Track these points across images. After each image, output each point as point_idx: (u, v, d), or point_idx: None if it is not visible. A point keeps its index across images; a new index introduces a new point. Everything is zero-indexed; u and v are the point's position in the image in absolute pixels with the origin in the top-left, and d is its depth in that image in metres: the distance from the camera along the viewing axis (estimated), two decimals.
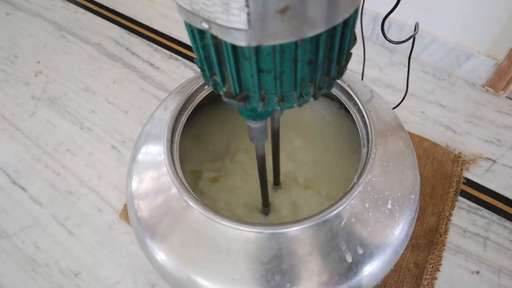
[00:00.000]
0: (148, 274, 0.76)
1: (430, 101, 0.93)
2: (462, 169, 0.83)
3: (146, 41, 1.10)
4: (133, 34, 1.12)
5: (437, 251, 0.75)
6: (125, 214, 0.81)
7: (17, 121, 0.98)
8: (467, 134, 0.88)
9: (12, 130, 0.97)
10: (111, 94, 1.01)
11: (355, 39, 0.33)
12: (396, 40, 0.55)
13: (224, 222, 0.41)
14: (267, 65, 0.29)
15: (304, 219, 0.40)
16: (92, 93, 1.01)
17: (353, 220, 0.43)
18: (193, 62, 1.04)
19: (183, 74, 1.02)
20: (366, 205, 0.44)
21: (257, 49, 0.28)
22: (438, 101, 0.93)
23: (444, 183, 0.81)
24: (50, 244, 0.81)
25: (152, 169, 0.50)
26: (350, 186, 0.43)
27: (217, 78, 0.32)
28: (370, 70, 0.98)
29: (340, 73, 0.33)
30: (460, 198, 0.80)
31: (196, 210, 0.42)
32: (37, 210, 0.85)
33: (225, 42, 0.27)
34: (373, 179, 0.45)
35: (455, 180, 0.81)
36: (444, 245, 0.76)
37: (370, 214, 0.44)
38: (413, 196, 0.47)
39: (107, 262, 0.78)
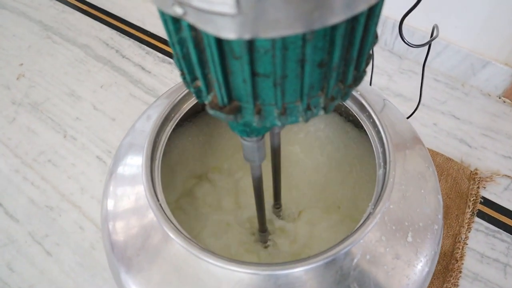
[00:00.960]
0: None
1: (443, 112, 0.85)
2: (479, 187, 0.75)
3: (138, 43, 1.03)
4: (124, 35, 1.05)
5: (453, 278, 0.68)
6: None
7: None
8: (483, 148, 0.81)
9: None
10: (98, 99, 0.93)
11: (376, 37, 0.26)
12: (414, 44, 0.48)
13: (211, 260, 0.33)
14: (265, 67, 0.22)
15: (310, 257, 0.33)
16: (77, 99, 0.94)
17: (368, 257, 0.35)
18: None
19: (176, 79, 0.95)
20: (383, 238, 0.36)
21: (251, 45, 0.20)
22: (451, 112, 0.86)
23: (459, 202, 0.73)
24: (26, 265, 0.74)
25: (131, 188, 0.43)
26: (364, 216, 0.36)
27: (200, 83, 0.25)
28: (378, 78, 0.91)
29: (358, 79, 0.26)
30: (477, 219, 0.73)
31: (177, 244, 0.35)
32: (12, 227, 0.78)
33: (207, 35, 0.20)
34: (391, 206, 0.37)
35: (472, 199, 0.74)
36: (460, 271, 0.68)
37: (388, 249, 0.36)
38: (436, 227, 0.40)
39: (88, 286, 0.71)
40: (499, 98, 0.87)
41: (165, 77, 0.96)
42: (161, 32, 1.06)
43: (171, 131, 0.44)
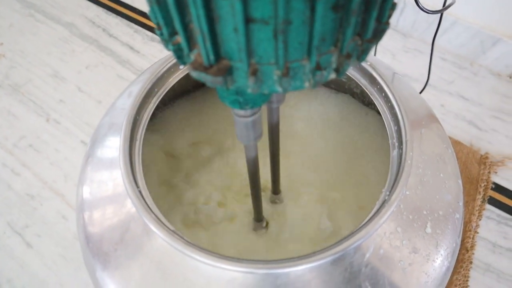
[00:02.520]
0: None
1: (451, 92, 0.80)
2: (490, 172, 0.70)
3: (126, 21, 0.97)
4: (111, 13, 0.99)
5: (463, 270, 0.63)
6: None
7: None
8: (493, 131, 0.76)
9: None
10: (83, 81, 0.87)
11: None
12: (430, 10, 0.42)
13: (198, 257, 0.28)
14: (262, 9, 0.16)
15: (314, 253, 0.28)
16: (61, 80, 0.88)
17: (381, 252, 0.30)
18: None
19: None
20: (399, 229, 0.31)
21: None
22: (459, 92, 0.80)
23: (469, 188, 0.69)
24: (4, 258, 0.68)
25: (108, 174, 0.37)
26: (378, 204, 0.31)
27: (180, 39, 0.20)
28: (381, 57, 0.85)
29: (380, 32, 0.20)
30: (488, 206, 0.68)
31: (159, 237, 0.30)
32: None
33: None
34: (407, 193, 0.32)
35: (482, 185, 0.69)
36: (471, 262, 0.64)
37: (404, 242, 0.31)
38: (457, 216, 0.35)
39: (71, 282, 0.66)
40: (510, 78, 0.82)
41: (154, 57, 0.90)
42: None
43: (155, 108, 0.38)
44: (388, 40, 0.88)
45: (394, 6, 0.21)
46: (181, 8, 0.18)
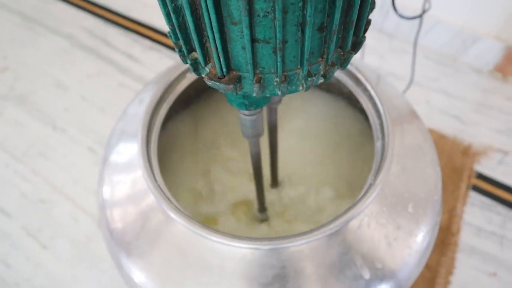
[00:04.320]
0: None
1: (435, 89, 0.86)
2: (473, 162, 0.76)
3: (124, 31, 1.01)
4: (108, 23, 1.03)
5: (450, 252, 0.68)
6: None
7: None
8: (476, 124, 0.81)
9: None
10: (86, 90, 0.92)
11: (374, 3, 0.26)
12: (408, 16, 0.47)
13: (213, 238, 0.33)
14: (264, 32, 0.21)
15: (312, 230, 0.33)
16: (64, 90, 0.92)
17: (370, 228, 0.35)
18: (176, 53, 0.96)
19: (166, 66, 0.93)
20: (384, 209, 0.36)
21: (250, 8, 0.20)
22: (443, 89, 0.86)
23: (454, 178, 0.74)
24: (21, 259, 0.73)
25: (126, 174, 0.42)
26: (365, 188, 0.36)
27: (197, 55, 0.24)
28: (369, 58, 0.90)
29: (358, 45, 0.25)
30: (472, 193, 0.73)
31: (179, 224, 0.34)
32: (5, 221, 0.76)
33: None
34: (391, 178, 0.37)
35: (466, 174, 0.74)
36: (457, 245, 0.69)
37: (389, 220, 0.36)
38: (436, 197, 0.40)
39: (85, 278, 0.70)
40: (491, 73, 0.88)
41: (154, 65, 0.94)
42: (148, 19, 1.04)
43: (165, 114, 0.43)
44: (375, 42, 0.93)
45: (369, 22, 0.26)
46: (199, 32, 0.23)
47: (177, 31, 0.23)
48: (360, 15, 0.24)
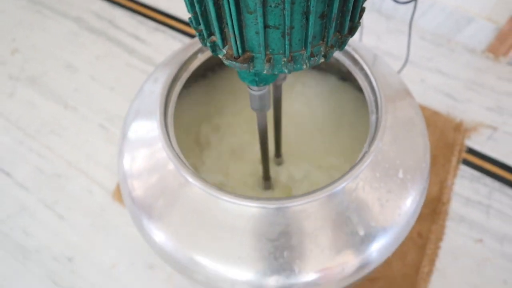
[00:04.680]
0: (146, 255, 0.74)
1: (430, 68, 0.90)
2: (463, 138, 0.80)
3: (130, 13, 1.05)
4: (115, 6, 1.06)
5: (440, 220, 0.74)
6: (118, 194, 0.78)
7: None
8: (468, 101, 0.86)
9: None
10: (95, 70, 0.96)
11: None
12: (403, 1, 0.51)
13: (226, 198, 0.38)
14: (275, 20, 0.25)
15: (314, 191, 0.37)
16: (74, 71, 0.96)
17: (364, 191, 0.40)
18: (182, 33, 0.99)
19: (171, 47, 0.97)
20: (377, 174, 0.41)
21: (264, 0, 0.24)
22: (438, 68, 0.90)
23: (446, 152, 0.79)
24: (40, 229, 0.78)
25: (145, 146, 0.46)
26: (360, 155, 0.40)
27: (216, 38, 0.29)
28: (367, 38, 0.94)
29: (354, 29, 0.29)
30: (462, 167, 0.78)
31: (195, 187, 0.39)
32: (23, 195, 0.81)
33: None
34: (384, 147, 0.42)
35: (457, 148, 0.79)
36: (447, 214, 0.74)
37: (382, 184, 0.41)
38: (424, 165, 0.45)
39: (101, 246, 0.76)
40: (483, 53, 0.91)
41: (160, 46, 0.98)
42: (153, 1, 1.07)
43: (180, 91, 0.47)
44: (373, 23, 0.97)
45: (363, 9, 0.30)
46: (219, 19, 0.27)
47: (200, 18, 0.28)
48: (356, 4, 0.28)
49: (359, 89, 0.47)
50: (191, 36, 0.99)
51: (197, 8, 0.27)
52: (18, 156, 0.85)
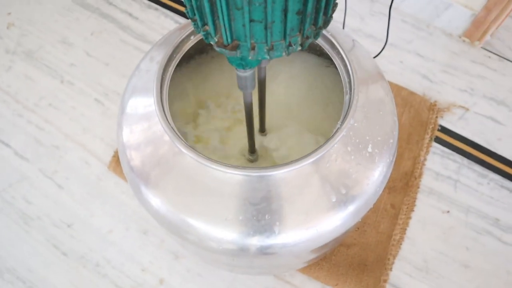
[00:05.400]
0: (140, 221, 0.79)
1: (409, 50, 0.95)
2: (437, 117, 0.86)
3: None
4: None
5: (412, 193, 0.80)
6: (113, 165, 0.83)
7: None
8: (442, 83, 0.91)
9: None
10: (90, 46, 0.99)
11: None
12: None
13: (216, 167, 0.43)
14: (258, 15, 0.30)
15: (291, 162, 0.43)
16: (70, 46, 0.99)
17: (337, 162, 0.46)
18: (173, 12, 1.02)
19: (163, 24, 1.01)
20: (349, 148, 0.47)
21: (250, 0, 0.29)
22: (416, 50, 0.95)
23: (420, 130, 0.85)
24: (40, 197, 0.83)
25: (143, 119, 0.51)
26: (334, 131, 0.46)
27: (209, 28, 0.33)
28: (351, 20, 0.98)
29: (327, 22, 0.34)
30: (434, 144, 0.85)
31: (188, 156, 0.44)
32: (23, 165, 0.86)
33: None
34: (355, 124, 0.47)
35: (431, 127, 0.85)
36: (418, 187, 0.81)
37: (352, 157, 0.47)
38: (391, 141, 0.50)
39: (98, 213, 0.81)
40: (460, 37, 0.97)
41: (152, 23, 1.01)
42: None
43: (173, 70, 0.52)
44: (357, 4, 1.01)
45: (335, 5, 0.35)
46: (212, 12, 0.31)
47: (195, 10, 0.32)
48: (328, 1, 0.33)
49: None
50: (182, 14, 1.02)
51: (193, 3, 0.32)
52: (17, 128, 0.89)
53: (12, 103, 0.93)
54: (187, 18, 0.45)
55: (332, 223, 0.47)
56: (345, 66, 0.50)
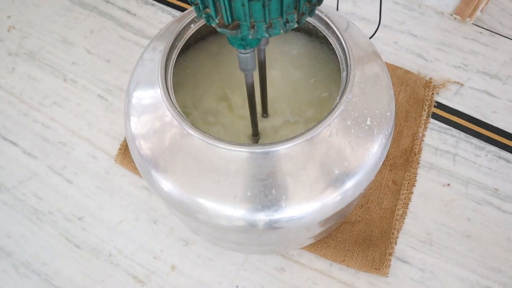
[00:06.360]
0: (149, 211, 0.82)
1: (402, 31, 0.97)
2: (433, 94, 0.88)
3: None
4: None
5: (413, 168, 0.82)
6: (120, 158, 0.85)
7: None
8: (437, 60, 0.93)
9: None
10: (90, 44, 1.01)
11: None
12: None
13: (222, 146, 0.45)
14: None
15: (294, 137, 0.45)
16: (70, 45, 1.01)
17: (338, 136, 0.48)
18: (170, 6, 1.04)
19: (161, 19, 1.02)
20: (348, 122, 0.49)
21: None
22: (409, 31, 0.97)
23: (417, 107, 0.87)
24: (51, 193, 0.85)
25: (150, 106, 0.53)
26: (334, 105, 0.48)
27: (210, 10, 0.35)
28: (343, 4, 1.00)
29: (321, 0, 0.36)
30: (432, 120, 0.87)
31: (195, 138, 0.47)
32: (32, 162, 0.88)
33: None
34: (353, 99, 0.49)
35: (427, 104, 0.87)
36: (418, 163, 0.83)
37: (352, 130, 0.49)
38: (389, 113, 0.52)
39: (108, 205, 0.83)
40: (451, 15, 0.98)
41: (150, 18, 1.03)
42: None
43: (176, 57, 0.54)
44: None
45: None
46: None
47: None
48: None
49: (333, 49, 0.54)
50: (179, 8, 1.04)
51: None
52: (24, 127, 0.91)
53: (18, 104, 0.95)
54: (183, 12, 0.47)
55: (336, 195, 0.49)
56: (340, 44, 0.52)
